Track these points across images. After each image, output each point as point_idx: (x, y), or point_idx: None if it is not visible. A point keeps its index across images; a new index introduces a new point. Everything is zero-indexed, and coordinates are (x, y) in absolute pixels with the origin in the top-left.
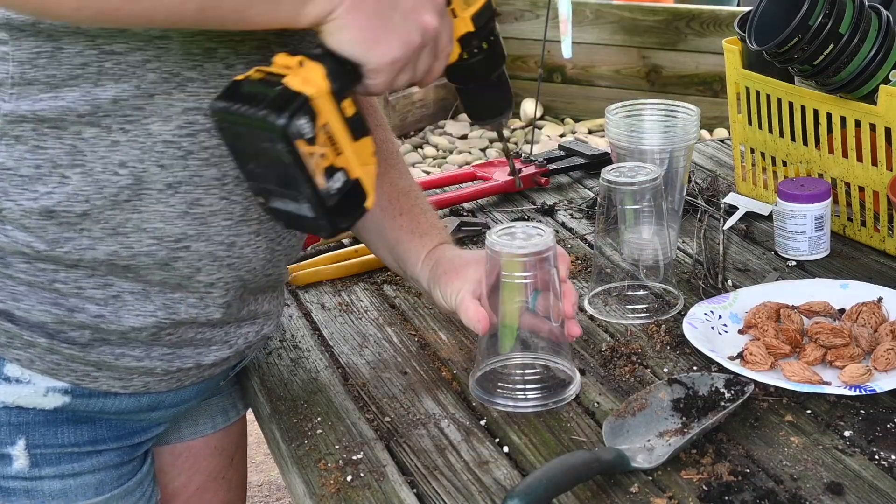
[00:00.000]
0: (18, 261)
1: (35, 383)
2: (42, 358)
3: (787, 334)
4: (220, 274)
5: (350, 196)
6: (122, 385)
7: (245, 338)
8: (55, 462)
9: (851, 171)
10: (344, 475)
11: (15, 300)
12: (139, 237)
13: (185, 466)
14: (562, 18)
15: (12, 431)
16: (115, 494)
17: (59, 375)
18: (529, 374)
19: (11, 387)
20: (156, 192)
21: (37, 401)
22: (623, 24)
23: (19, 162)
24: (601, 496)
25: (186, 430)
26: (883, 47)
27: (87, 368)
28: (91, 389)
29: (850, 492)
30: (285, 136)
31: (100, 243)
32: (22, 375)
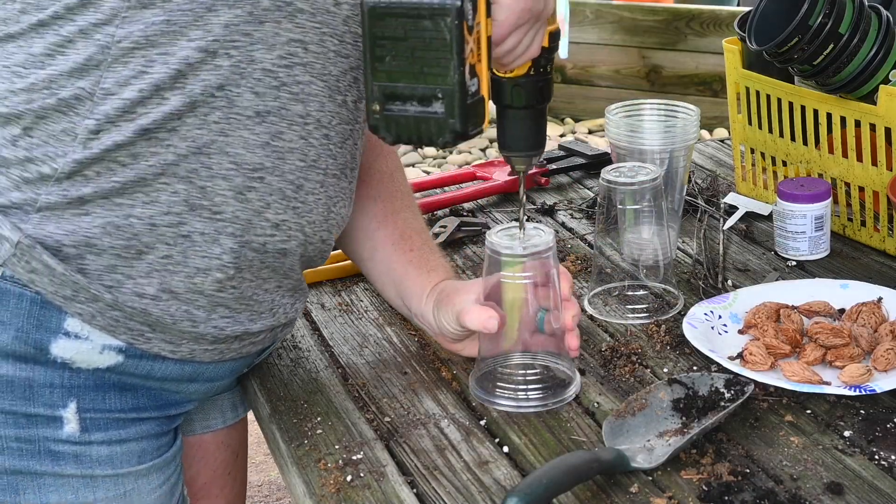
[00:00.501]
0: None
1: (93, 339)
2: (103, 314)
3: (787, 334)
4: (286, 216)
5: (477, 107)
6: (172, 349)
7: (284, 309)
8: (103, 427)
9: (851, 171)
10: (344, 475)
11: (88, 244)
12: (220, 159)
13: (195, 460)
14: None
15: (64, 394)
16: (155, 464)
17: (117, 333)
18: (530, 374)
19: (70, 342)
20: (244, 118)
21: (92, 358)
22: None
23: (123, 87)
24: (601, 496)
25: (198, 424)
26: (883, 47)
27: (143, 328)
28: (143, 350)
29: (850, 492)
30: (460, 12)
31: (184, 160)
32: (81, 331)
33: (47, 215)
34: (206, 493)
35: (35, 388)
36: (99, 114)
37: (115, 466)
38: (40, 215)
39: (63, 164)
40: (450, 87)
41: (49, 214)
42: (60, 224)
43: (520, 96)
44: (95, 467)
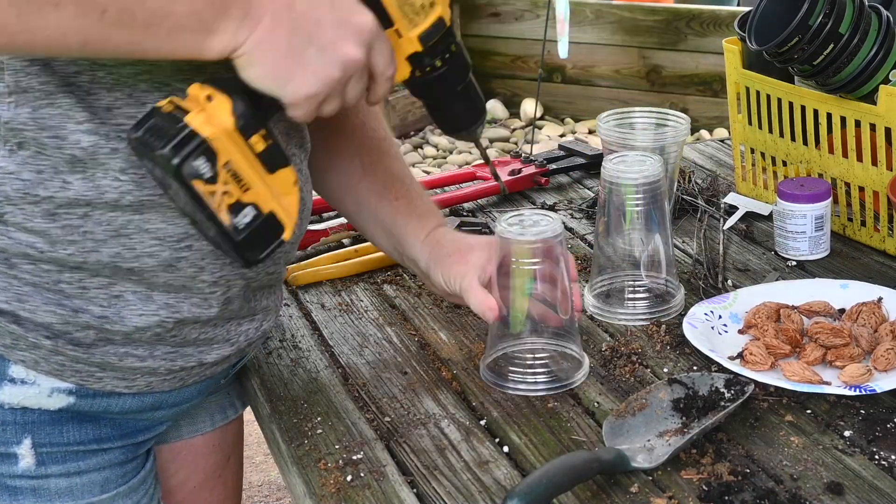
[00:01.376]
0: (23, 262)
1: (40, 384)
2: (47, 359)
3: (787, 334)
4: (223, 272)
5: (263, 229)
6: (126, 385)
7: (245, 335)
8: (61, 460)
9: (851, 171)
10: (344, 475)
11: (20, 301)
12: (141, 238)
13: (184, 464)
14: (559, 19)
15: (18, 430)
16: (119, 492)
17: (64, 376)
18: (539, 358)
19: (17, 388)
20: (157, 195)
21: (42, 401)
22: (623, 24)
23: (21, 167)
24: (601, 496)
25: (185, 429)
26: (883, 47)
27: (92, 369)
28: (95, 390)
29: (850, 492)
30: (179, 176)
31: (102, 245)
32: (27, 376)
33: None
34: (197, 496)
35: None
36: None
37: (75, 498)
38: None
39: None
40: (213, 231)
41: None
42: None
43: (428, 92)
44: (55, 499)
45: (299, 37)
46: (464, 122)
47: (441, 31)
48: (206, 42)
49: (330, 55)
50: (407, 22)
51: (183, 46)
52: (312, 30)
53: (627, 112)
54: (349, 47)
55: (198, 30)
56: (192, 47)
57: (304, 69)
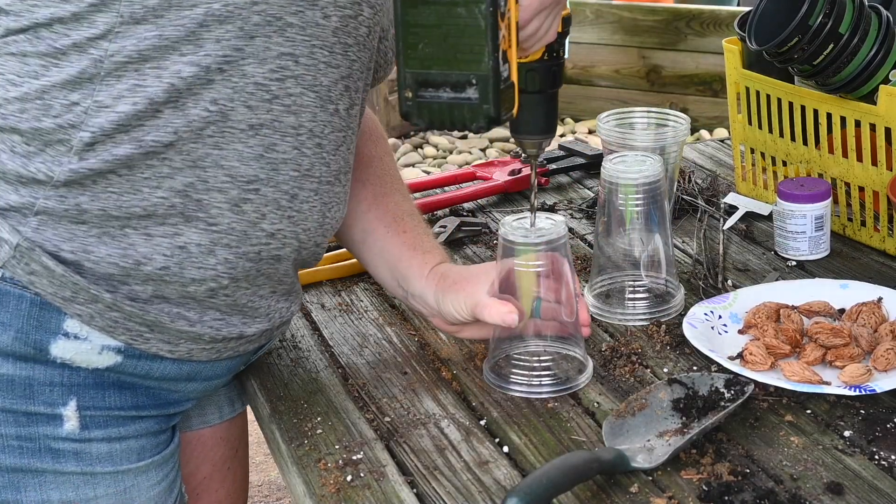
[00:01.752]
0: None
1: (92, 340)
2: (102, 315)
3: (787, 334)
4: (282, 225)
5: (507, 94)
6: (170, 349)
7: (280, 313)
8: (103, 425)
9: (851, 171)
10: (344, 475)
11: (86, 251)
12: (215, 172)
13: (194, 455)
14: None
15: (64, 392)
16: (154, 461)
17: (116, 333)
18: (543, 360)
19: (70, 342)
20: (238, 132)
21: (91, 358)
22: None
23: (117, 100)
24: (601, 496)
25: (195, 420)
26: (883, 47)
27: (142, 328)
28: (142, 351)
29: (850, 492)
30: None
31: (178, 173)
32: (80, 332)
33: (45, 220)
34: (206, 487)
35: (35, 386)
36: (93, 126)
37: (114, 463)
38: (38, 219)
39: (59, 172)
40: (484, 74)
41: (46, 219)
42: (58, 230)
43: (534, 81)
44: (95, 464)
45: None
46: (542, 128)
47: (570, 24)
48: None
49: None
50: None
51: None
52: None
53: (627, 112)
54: None
55: None
56: None
57: None
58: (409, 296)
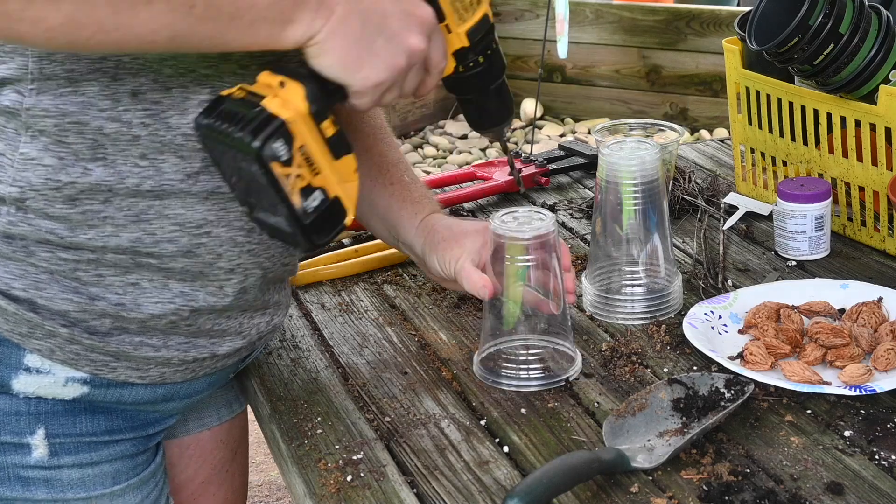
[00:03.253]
0: (41, 249)
1: (55, 373)
2: (62, 348)
3: (787, 334)
4: (241, 260)
5: (328, 213)
6: (140, 375)
7: (257, 328)
8: (74, 451)
9: (851, 171)
10: (344, 475)
11: (38, 288)
12: (161, 223)
13: (192, 459)
14: (558, 18)
15: (31, 421)
16: (130, 484)
17: (79, 365)
18: (532, 354)
19: (32, 377)
20: (176, 182)
21: (56, 391)
22: (623, 24)
23: (43, 153)
24: (601, 496)
25: (193, 423)
26: (883, 47)
27: (106, 358)
28: (109, 379)
29: (850, 492)
30: (259, 158)
31: (123, 230)
32: (42, 366)
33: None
34: (203, 492)
35: (1, 417)
36: (21, 181)
37: (87, 489)
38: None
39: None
40: (283, 213)
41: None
42: (8, 267)
43: (461, 89)
44: (67, 490)
45: (369, 27)
46: (494, 120)
47: (485, 29)
48: (284, 32)
49: (397, 45)
50: (457, 17)
51: (262, 37)
52: (380, 21)
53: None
54: (414, 37)
55: (277, 20)
56: (271, 37)
57: (372, 58)
58: (400, 244)
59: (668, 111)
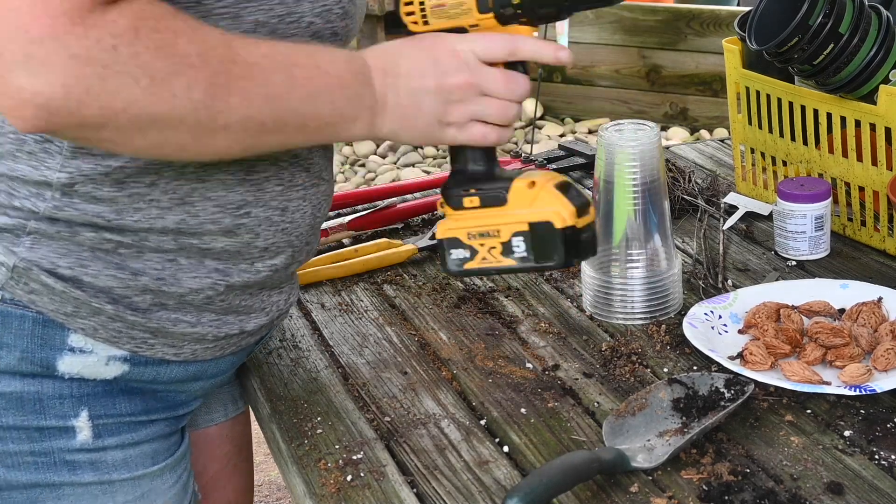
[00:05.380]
0: (86, 230)
1: (97, 352)
2: (105, 326)
3: (787, 334)
4: (275, 238)
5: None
6: (175, 352)
7: (277, 306)
8: (116, 432)
9: (851, 171)
10: (344, 475)
11: (83, 266)
12: (204, 205)
13: (202, 454)
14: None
15: (75, 403)
16: (168, 463)
17: (120, 343)
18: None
19: (76, 357)
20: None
21: (99, 370)
22: (623, 24)
23: None
24: (601, 496)
25: (202, 418)
26: (883, 47)
27: (145, 335)
28: (147, 357)
29: (850, 492)
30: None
31: (168, 212)
32: (85, 345)
33: (38, 238)
34: (214, 485)
35: (45, 401)
36: (71, 167)
37: (130, 469)
38: (31, 238)
39: (43, 208)
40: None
41: (39, 238)
42: (52, 247)
43: None
44: (112, 472)
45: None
46: None
47: None
48: (349, 131)
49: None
50: None
51: (329, 137)
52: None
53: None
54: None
55: (340, 122)
56: (336, 136)
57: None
58: None
59: (668, 111)
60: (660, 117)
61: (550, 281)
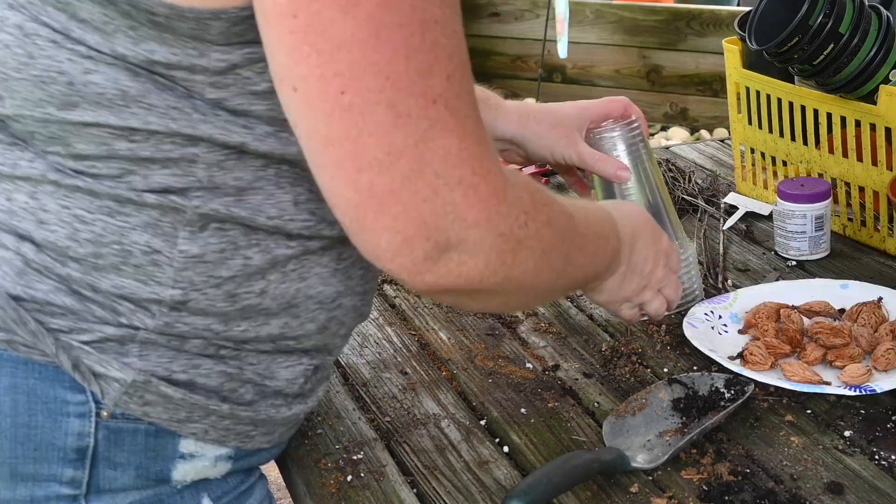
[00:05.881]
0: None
1: (206, 455)
2: (216, 426)
3: (787, 334)
4: (354, 324)
5: None
6: (268, 439)
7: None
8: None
9: (851, 171)
10: (344, 475)
11: (195, 367)
12: (307, 305)
13: None
14: (558, 18)
15: (195, 493)
16: None
17: (227, 441)
18: None
19: (188, 463)
20: (313, 255)
21: (208, 472)
22: (623, 24)
23: (204, 248)
24: (601, 496)
25: None
26: (883, 47)
27: (248, 427)
28: (248, 450)
29: (850, 492)
30: None
31: (274, 318)
32: (196, 450)
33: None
34: None
35: (165, 500)
36: (184, 282)
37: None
38: (139, 347)
39: (153, 325)
40: None
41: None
42: (161, 352)
43: None
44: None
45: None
46: None
47: None
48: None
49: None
50: None
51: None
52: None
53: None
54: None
55: (600, 272)
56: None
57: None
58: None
59: (668, 111)
60: (660, 117)
61: None
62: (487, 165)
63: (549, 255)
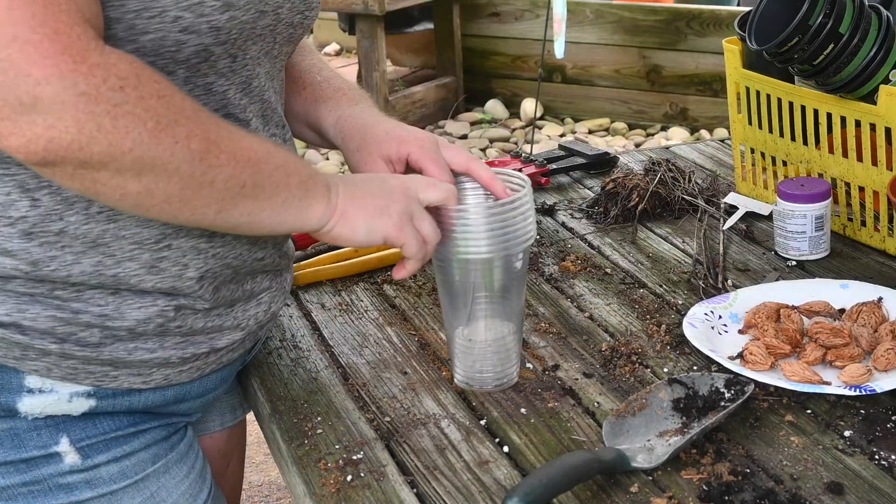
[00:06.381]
0: (14, 281)
1: (57, 391)
2: (58, 364)
3: (787, 334)
4: (209, 265)
5: None
6: (143, 381)
7: (255, 318)
8: (104, 449)
9: (851, 171)
10: (344, 475)
11: (20, 311)
12: (120, 245)
13: None
14: (555, 19)
15: (52, 432)
16: (171, 458)
17: (79, 379)
18: None
19: (36, 398)
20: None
21: (63, 407)
22: (623, 24)
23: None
24: (601, 496)
25: (197, 427)
26: (883, 47)
27: (104, 368)
28: (113, 389)
29: (850, 492)
30: None
31: (83, 257)
32: (43, 385)
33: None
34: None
35: (20, 434)
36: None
37: (130, 476)
38: None
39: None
40: None
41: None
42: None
43: None
44: (111, 484)
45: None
46: None
47: None
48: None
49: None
50: None
51: (290, 217)
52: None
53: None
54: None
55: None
56: (297, 218)
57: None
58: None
59: (668, 111)
60: (660, 117)
61: (550, 281)
62: (54, 25)
63: (172, 129)
